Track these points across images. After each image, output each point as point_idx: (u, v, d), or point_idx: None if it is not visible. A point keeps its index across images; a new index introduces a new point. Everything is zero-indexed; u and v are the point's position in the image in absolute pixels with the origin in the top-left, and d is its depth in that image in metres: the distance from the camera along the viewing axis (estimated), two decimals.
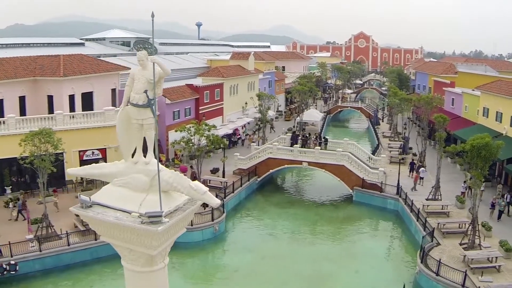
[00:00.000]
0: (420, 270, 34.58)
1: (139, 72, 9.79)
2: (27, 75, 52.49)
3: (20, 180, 47.95)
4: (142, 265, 9.38)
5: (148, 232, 8.67)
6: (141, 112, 9.76)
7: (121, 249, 9.54)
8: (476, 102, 65.09)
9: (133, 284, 9.74)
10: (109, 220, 9.04)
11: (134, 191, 9.46)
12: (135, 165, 9.87)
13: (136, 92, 9.69)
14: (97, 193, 9.92)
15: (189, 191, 9.32)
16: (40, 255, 35.43)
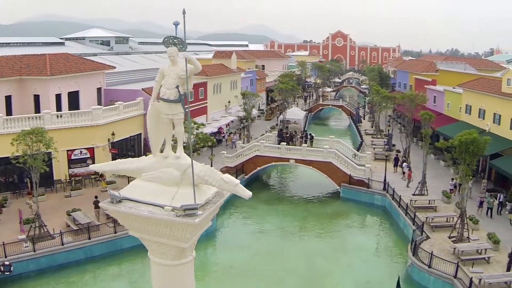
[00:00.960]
0: (412, 263, 35.36)
1: (169, 68, 9.94)
2: (13, 74, 51.87)
3: (8, 180, 47.45)
4: (172, 258, 9.49)
5: (184, 225, 8.79)
6: (172, 107, 9.81)
7: (150, 243, 9.62)
8: (459, 100, 66.42)
9: (161, 277, 9.81)
10: (144, 215, 9.08)
11: (165, 185, 9.49)
12: (165, 159, 9.87)
13: (167, 88, 9.77)
14: (125, 188, 9.93)
15: (221, 183, 9.37)
16: (34, 255, 35.18)
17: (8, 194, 45.78)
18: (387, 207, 49.97)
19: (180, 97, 9.81)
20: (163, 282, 9.79)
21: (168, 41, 9.71)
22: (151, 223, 9.08)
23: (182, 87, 9.80)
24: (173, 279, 9.70)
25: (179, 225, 8.86)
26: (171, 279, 9.69)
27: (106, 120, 50.62)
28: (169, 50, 9.83)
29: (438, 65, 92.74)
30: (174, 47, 9.76)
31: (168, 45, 9.79)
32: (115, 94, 59.35)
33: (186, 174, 9.49)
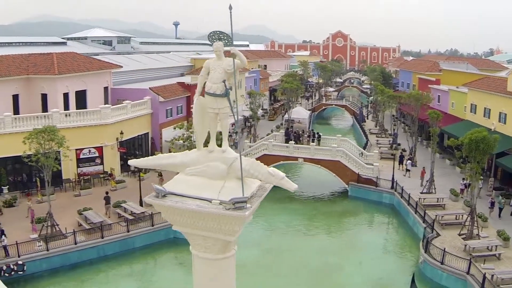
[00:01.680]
0: (425, 260, 35.54)
1: (215, 62, 9.75)
2: (20, 73, 51.75)
3: (16, 179, 47.31)
4: (216, 252, 9.39)
5: (233, 218, 8.75)
6: (218, 101, 9.64)
7: (194, 237, 9.44)
8: (463, 99, 66.62)
9: (204, 271, 9.72)
10: (192, 208, 8.91)
11: (211, 179, 9.37)
12: (211, 153, 9.73)
13: (213, 82, 9.59)
14: (169, 182, 9.72)
15: (267, 177, 9.36)
16: (47, 255, 35.07)
17: (17, 194, 45.59)
18: (395, 205, 50.18)
19: (226, 91, 9.68)
20: (206, 277, 9.66)
21: (214, 36, 9.59)
22: (198, 217, 8.92)
23: (228, 82, 9.69)
24: (217, 273, 9.61)
25: (228, 219, 8.78)
26: (214, 273, 9.58)
27: (115, 119, 50.55)
28: (215, 45, 9.64)
29: (442, 65, 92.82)
30: (220, 42, 9.59)
31: (213, 40, 9.65)
32: (122, 93, 59.25)
33: (232, 167, 9.43)
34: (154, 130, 57.48)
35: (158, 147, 57.45)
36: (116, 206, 42.37)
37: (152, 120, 57.41)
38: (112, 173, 48.56)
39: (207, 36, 9.91)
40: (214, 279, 9.57)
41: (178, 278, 36.43)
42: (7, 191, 45.66)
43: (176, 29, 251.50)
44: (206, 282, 9.66)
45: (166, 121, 58.85)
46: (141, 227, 39.63)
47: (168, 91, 59.92)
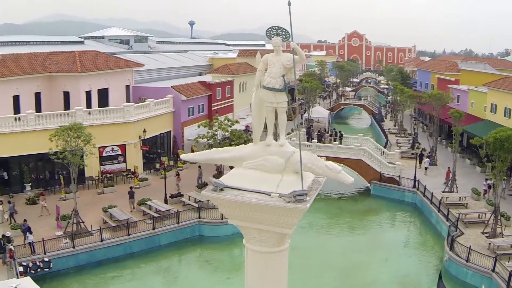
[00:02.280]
0: (450, 258, 35.71)
1: (273, 57, 9.80)
2: (42, 71, 51.89)
3: (39, 177, 47.35)
4: (271, 246, 9.39)
5: (292, 210, 8.72)
6: (277, 95, 9.70)
7: (250, 230, 9.43)
8: (483, 99, 66.50)
9: (257, 265, 9.70)
10: (252, 201, 8.89)
11: (269, 172, 9.39)
12: (268, 147, 9.73)
13: (272, 77, 9.64)
14: (225, 176, 9.75)
15: (325, 170, 9.42)
16: (74, 252, 35.06)
17: (40, 191, 45.53)
18: (417, 204, 50.31)
19: (285, 86, 9.77)
20: (260, 270, 9.65)
21: (272, 31, 9.71)
22: (257, 210, 8.91)
23: (287, 76, 9.75)
24: (271, 267, 9.59)
25: (287, 211, 8.76)
26: (268, 266, 9.57)
27: (138, 117, 50.52)
28: (274, 40, 9.78)
29: (460, 65, 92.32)
30: (278, 37, 9.71)
31: (271, 36, 9.75)
32: (143, 92, 59.27)
33: (289, 161, 9.44)
34: (176, 129, 57.42)
35: (180, 145, 57.38)
36: (140, 204, 42.34)
37: (174, 118, 57.31)
38: (136, 171, 48.45)
39: (265, 32, 9.91)
40: (267, 273, 9.57)
41: (204, 276, 36.47)
42: (30, 188, 45.67)
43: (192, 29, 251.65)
44: (259, 275, 9.66)
45: (188, 120, 58.78)
46: (166, 225, 39.52)
47: (190, 89, 59.83)
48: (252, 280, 9.80)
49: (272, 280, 9.59)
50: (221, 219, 40.81)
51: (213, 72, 71.47)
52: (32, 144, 44.69)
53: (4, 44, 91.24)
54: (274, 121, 10.05)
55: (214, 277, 36.35)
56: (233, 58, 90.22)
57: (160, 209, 40.98)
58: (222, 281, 35.87)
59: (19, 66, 50.05)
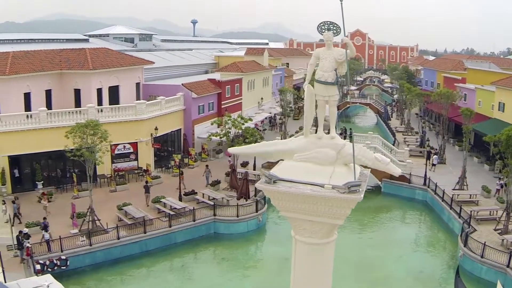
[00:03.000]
0: (464, 254, 36.08)
1: (324, 51, 10.11)
2: (53, 68, 51.75)
3: (51, 175, 47.16)
4: (321, 237, 9.64)
5: (346, 201, 9.02)
6: (328, 89, 10.03)
7: (301, 222, 9.61)
8: (491, 97, 66.80)
9: (306, 256, 9.90)
10: (307, 193, 9.05)
11: (320, 164, 9.62)
12: (320, 140, 10.01)
13: (324, 71, 9.97)
14: (276, 168, 9.88)
15: (374, 162, 9.77)
16: (90, 250, 34.89)
17: (52, 189, 45.39)
18: (428, 202, 50.68)
19: (337, 80, 10.06)
20: (309, 261, 9.89)
21: (323, 26, 10.05)
22: (310, 202, 9.11)
23: (338, 71, 10.09)
24: (319, 258, 9.87)
25: (341, 202, 9.04)
26: (317, 258, 9.84)
27: (150, 115, 50.31)
28: (326, 35, 10.09)
29: (466, 64, 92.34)
30: (329, 32, 10.02)
31: (323, 31, 10.09)
32: (153, 89, 59.17)
33: (341, 153, 9.71)
34: (187, 127, 57.29)
35: (191, 143, 57.23)
36: (155, 202, 42.19)
37: (185, 116, 57.16)
38: (148, 169, 48.25)
39: (316, 27, 10.22)
40: (315, 264, 9.85)
41: (221, 273, 36.44)
42: (42, 186, 45.45)
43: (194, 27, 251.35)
44: (308, 267, 9.88)
45: (199, 118, 58.70)
46: (182, 223, 39.43)
47: (200, 87, 59.67)
48: (301, 271, 9.97)
49: (320, 271, 9.88)
50: (236, 216, 40.93)
51: (221, 70, 71.25)
52: (44, 142, 44.60)
53: (10, 42, 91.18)
54: (324, 113, 10.43)
55: (231, 274, 36.30)
56: (241, 56, 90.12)
57: (175, 206, 40.89)
58: (240, 278, 35.84)
59: (30, 63, 49.92)
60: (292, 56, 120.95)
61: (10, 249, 33.68)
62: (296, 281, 10.15)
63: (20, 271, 31.35)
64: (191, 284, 34.74)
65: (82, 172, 46.17)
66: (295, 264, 10.06)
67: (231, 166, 46.36)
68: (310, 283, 9.95)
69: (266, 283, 35.23)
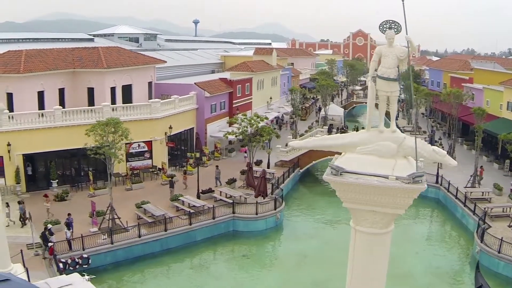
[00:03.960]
0: (481, 249, 36.61)
1: (386, 49, 10.51)
2: (66, 66, 51.62)
3: (65, 173, 47.00)
4: (381, 227, 9.98)
5: (410, 191, 9.37)
6: (390, 85, 10.42)
7: (363, 213, 9.97)
8: (499, 97, 67.45)
9: (366, 246, 10.29)
10: (375, 184, 9.43)
11: (382, 157, 10.00)
12: (381, 133, 10.35)
13: (387, 67, 10.34)
14: (340, 161, 10.14)
15: (431, 154, 10.08)
16: (112, 248, 34.77)
17: (68, 187, 45.23)
18: (441, 199, 51.32)
19: (398, 76, 10.47)
20: (369, 252, 10.27)
21: (385, 25, 10.48)
22: (376, 192, 9.47)
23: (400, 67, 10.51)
24: (379, 248, 10.23)
25: (406, 192, 9.40)
26: (377, 248, 10.21)
27: (164, 114, 50.18)
28: (388, 33, 10.51)
29: (472, 64, 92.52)
30: (391, 30, 10.45)
31: (384, 29, 10.50)
32: (165, 88, 59.09)
33: (401, 146, 10.08)
34: (199, 125, 57.21)
35: (203, 142, 57.12)
36: (173, 200, 42.09)
37: (197, 115, 57.08)
38: (164, 167, 48.11)
39: (378, 25, 10.63)
40: (375, 254, 10.22)
41: (242, 270, 36.47)
42: (56, 185, 45.31)
43: (196, 27, 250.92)
44: (367, 257, 10.26)
45: (211, 117, 58.69)
46: (201, 220, 39.41)
47: (213, 86, 59.62)
48: (360, 262, 10.36)
49: (378, 260, 10.29)
50: (255, 214, 41.09)
51: (231, 69, 71.10)
52: (58, 140, 44.51)
53: (15, 41, 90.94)
54: (385, 108, 10.77)
55: (253, 271, 36.39)
56: (247, 56, 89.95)
57: (195, 204, 40.90)
58: (262, 275, 35.93)
59: (43, 62, 49.80)
60: (297, 56, 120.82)
61: (30, 248, 33.45)
62: (355, 272, 10.57)
63: (42, 270, 31.15)
64: (215, 281, 34.71)
65: (96, 170, 46.18)
66: (355, 254, 10.42)
67: (248, 164, 46.34)
68: (369, 274, 10.40)
69: (288, 279, 35.36)
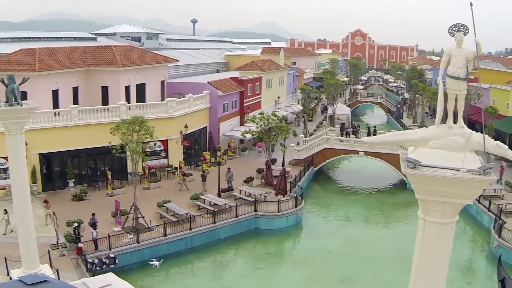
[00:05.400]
0: (499, 244, 37.30)
1: (456, 50, 11.24)
2: (80, 65, 51.46)
3: (81, 173, 46.79)
4: (449, 217, 10.63)
5: (483, 182, 10.07)
6: (459, 83, 11.22)
7: (434, 204, 10.61)
8: (505, 96, 68.98)
9: (434, 236, 10.93)
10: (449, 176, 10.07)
11: (452, 151, 10.76)
12: (451, 129, 11.10)
13: (457, 67, 11.14)
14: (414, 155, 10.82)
15: (495, 148, 10.84)
16: (138, 247, 34.60)
17: (85, 187, 44.97)
18: None
19: (467, 75, 11.28)
20: (437, 241, 10.93)
21: (454, 28, 11.27)
22: (450, 184, 10.14)
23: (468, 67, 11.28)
24: (446, 237, 10.89)
25: (477, 184, 10.08)
26: (444, 237, 10.89)
27: (179, 112, 50.07)
28: (457, 36, 11.27)
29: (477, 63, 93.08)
30: (460, 33, 11.21)
31: (453, 32, 11.28)
32: (177, 87, 59.01)
33: (469, 141, 10.86)
34: (212, 124, 57.17)
35: (216, 141, 57.06)
36: (194, 198, 42.04)
37: (210, 114, 57.03)
38: (181, 166, 48.02)
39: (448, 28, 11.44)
40: (442, 243, 10.95)
41: (268, 268, 36.48)
42: (73, 184, 45.10)
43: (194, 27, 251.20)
44: (435, 246, 10.94)
45: (223, 116, 58.70)
46: (224, 219, 39.44)
47: (225, 85, 59.62)
48: (428, 251, 11.02)
49: (445, 249, 10.93)
50: (277, 212, 41.22)
51: (241, 68, 71.01)
52: (75, 139, 44.29)
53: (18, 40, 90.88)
54: (453, 106, 11.53)
55: (279, 268, 36.51)
56: (256, 56, 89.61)
57: (216, 203, 40.97)
58: (288, 272, 35.96)
59: (57, 60, 49.61)
60: (300, 55, 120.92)
61: (54, 248, 33.20)
62: (423, 261, 11.19)
63: (70, 271, 30.94)
64: (242, 279, 34.68)
65: (111, 169, 45.92)
66: (423, 244, 11.07)
67: (267, 163, 46.34)
68: (436, 262, 11.04)
69: (315, 276, 35.43)
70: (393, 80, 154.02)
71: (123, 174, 47.33)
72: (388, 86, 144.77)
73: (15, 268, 27.98)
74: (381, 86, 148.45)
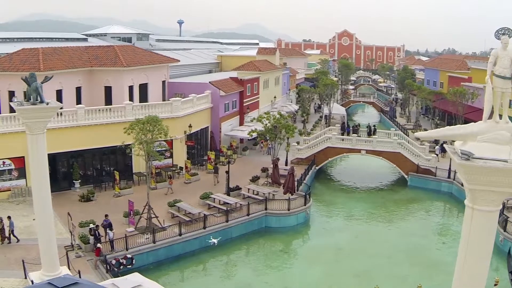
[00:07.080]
0: (505, 237, 38.30)
1: (501, 51, 12.14)
2: (83, 65, 51.27)
3: (87, 173, 46.60)
4: (495, 205, 11.68)
5: None
6: (506, 82, 12.06)
7: (483, 193, 11.52)
8: None
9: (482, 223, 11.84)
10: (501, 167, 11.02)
11: (499, 144, 11.59)
12: (497, 124, 11.98)
13: (504, 67, 12.00)
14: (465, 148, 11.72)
15: None
16: (154, 247, 34.60)
17: (91, 188, 44.80)
18: (454, 193, 52.82)
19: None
20: (483, 228, 11.88)
21: (500, 31, 12.31)
22: (499, 174, 11.09)
23: None
24: (491, 223, 11.92)
25: None
26: (489, 224, 11.90)
27: (184, 112, 50.12)
28: (503, 38, 12.21)
29: (469, 63, 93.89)
30: (505, 35, 12.18)
31: (499, 35, 12.27)
32: (178, 87, 59.10)
33: None
34: (214, 124, 57.35)
35: (218, 140, 57.19)
36: (204, 198, 42.16)
37: (212, 114, 57.20)
38: (187, 166, 48.09)
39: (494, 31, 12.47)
40: (488, 230, 11.96)
41: (283, 265, 36.82)
42: (79, 185, 44.89)
43: (181, 28, 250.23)
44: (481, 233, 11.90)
45: (225, 115, 58.92)
46: (235, 217, 39.63)
47: (226, 85, 59.84)
48: (475, 238, 11.92)
49: (490, 235, 12.03)
50: (287, 210, 41.62)
51: (239, 68, 71.14)
52: (80, 140, 44.09)
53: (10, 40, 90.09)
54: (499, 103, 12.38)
55: (294, 265, 36.87)
56: (251, 56, 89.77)
57: (227, 201, 41.21)
58: (303, 269, 36.07)
59: (61, 60, 49.39)
60: (290, 56, 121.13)
61: (69, 250, 33.00)
62: (470, 248, 12.00)
63: (88, 272, 30.80)
64: (260, 277, 34.81)
65: (116, 170, 45.75)
66: (470, 232, 11.96)
67: (274, 161, 46.62)
68: (482, 247, 11.94)
69: (330, 271, 35.87)
70: (382, 80, 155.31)
71: (128, 175, 47.27)
72: (378, 86, 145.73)
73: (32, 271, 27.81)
74: (370, 86, 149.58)
